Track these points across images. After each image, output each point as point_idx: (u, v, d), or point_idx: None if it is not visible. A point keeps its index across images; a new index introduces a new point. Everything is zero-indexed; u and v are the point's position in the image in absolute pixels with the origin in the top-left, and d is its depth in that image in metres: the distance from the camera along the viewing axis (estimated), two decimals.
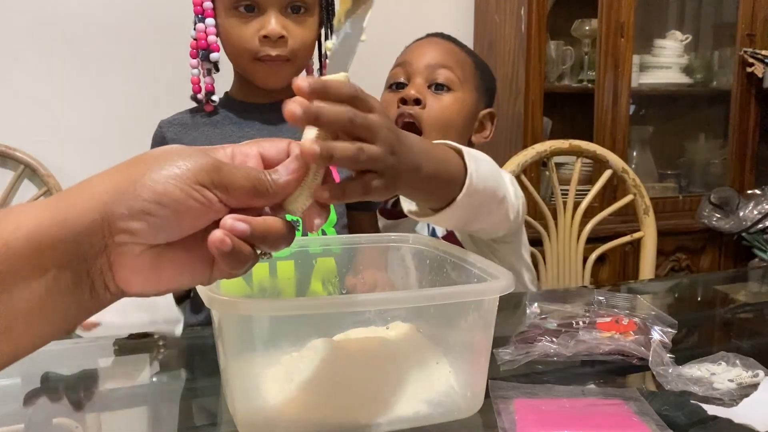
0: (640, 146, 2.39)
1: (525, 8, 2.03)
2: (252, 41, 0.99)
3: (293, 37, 1.00)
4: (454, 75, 1.17)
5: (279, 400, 0.59)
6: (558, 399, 0.66)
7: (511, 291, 0.60)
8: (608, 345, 0.78)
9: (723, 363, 0.74)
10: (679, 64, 2.31)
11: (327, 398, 0.60)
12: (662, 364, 0.73)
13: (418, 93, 1.14)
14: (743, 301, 1.13)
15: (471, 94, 1.19)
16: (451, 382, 0.64)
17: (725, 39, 2.37)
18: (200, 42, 1.03)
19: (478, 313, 0.63)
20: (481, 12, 2.26)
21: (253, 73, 1.03)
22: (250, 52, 1.00)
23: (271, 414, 0.59)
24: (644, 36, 2.31)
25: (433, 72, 1.16)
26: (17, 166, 1.77)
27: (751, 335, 0.98)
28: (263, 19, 0.99)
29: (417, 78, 1.17)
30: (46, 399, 0.69)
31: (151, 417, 0.69)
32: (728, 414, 0.65)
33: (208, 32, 1.02)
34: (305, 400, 0.59)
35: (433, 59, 1.17)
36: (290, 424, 0.59)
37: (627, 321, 0.85)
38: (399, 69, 1.21)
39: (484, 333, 0.64)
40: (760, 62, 2.17)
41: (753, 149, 2.29)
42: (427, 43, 1.22)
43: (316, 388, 0.60)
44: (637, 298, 0.95)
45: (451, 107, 1.16)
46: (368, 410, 0.60)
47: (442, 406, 0.62)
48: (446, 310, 0.64)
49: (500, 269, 0.64)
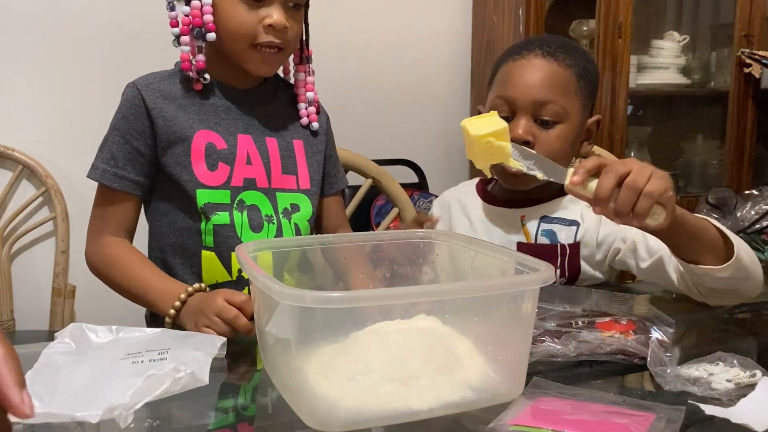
0: (638, 146, 2.39)
1: (523, 9, 2.03)
2: (256, 28, 1.02)
3: (291, 29, 1.04)
4: (560, 107, 1.11)
5: (335, 390, 0.64)
6: (582, 402, 0.67)
7: (551, 282, 0.67)
8: (610, 345, 0.78)
9: (721, 363, 0.75)
10: (676, 65, 2.31)
11: (381, 387, 0.64)
12: (661, 364, 0.74)
13: (527, 134, 1.10)
14: (741, 301, 1.13)
15: (577, 114, 1.14)
16: (486, 370, 0.69)
17: (723, 40, 2.38)
18: (195, 20, 1.02)
19: (515, 304, 0.69)
20: (480, 12, 2.27)
21: (247, 58, 1.05)
22: (249, 38, 1.02)
23: (330, 404, 0.63)
24: (642, 36, 2.31)
25: (539, 109, 1.10)
26: (15, 166, 1.77)
27: (748, 335, 0.98)
28: (269, 9, 1.01)
29: (522, 116, 1.11)
30: None
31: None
32: (726, 414, 0.65)
33: (204, 11, 1.02)
34: (360, 390, 0.64)
35: (537, 94, 1.10)
36: (349, 413, 0.63)
37: (626, 321, 0.86)
38: (502, 102, 1.13)
39: (520, 323, 0.70)
40: (758, 63, 2.18)
41: (750, 149, 2.30)
42: (528, 71, 1.13)
43: (369, 377, 0.64)
44: (634, 297, 0.95)
45: (560, 139, 1.12)
46: (419, 397, 0.64)
47: (486, 392, 0.67)
48: (478, 302, 0.70)
49: (538, 262, 0.71)
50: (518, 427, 0.62)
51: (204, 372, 0.72)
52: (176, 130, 1.04)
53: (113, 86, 1.86)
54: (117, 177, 1.04)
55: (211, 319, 0.87)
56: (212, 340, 0.81)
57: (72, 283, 1.79)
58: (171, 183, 1.05)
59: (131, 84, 1.08)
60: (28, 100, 1.80)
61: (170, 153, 1.04)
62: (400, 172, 2.11)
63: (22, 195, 1.80)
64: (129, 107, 1.06)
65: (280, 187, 1.10)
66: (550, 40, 1.18)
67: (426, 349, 0.67)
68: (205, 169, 1.05)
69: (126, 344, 0.81)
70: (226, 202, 1.05)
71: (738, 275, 0.93)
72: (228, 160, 1.06)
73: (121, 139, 1.05)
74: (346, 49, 2.16)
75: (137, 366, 0.74)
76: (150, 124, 1.04)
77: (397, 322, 0.70)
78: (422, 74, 2.26)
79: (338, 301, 0.62)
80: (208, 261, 1.06)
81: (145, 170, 1.06)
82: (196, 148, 1.04)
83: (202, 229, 1.05)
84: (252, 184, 1.07)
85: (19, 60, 1.78)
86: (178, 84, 1.08)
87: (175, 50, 1.08)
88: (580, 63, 1.15)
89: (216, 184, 1.05)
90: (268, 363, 0.77)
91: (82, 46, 1.83)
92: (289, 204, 1.11)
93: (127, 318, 1.24)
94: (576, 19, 2.22)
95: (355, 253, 0.92)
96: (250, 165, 1.07)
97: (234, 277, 1.07)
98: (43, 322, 1.79)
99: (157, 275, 1.02)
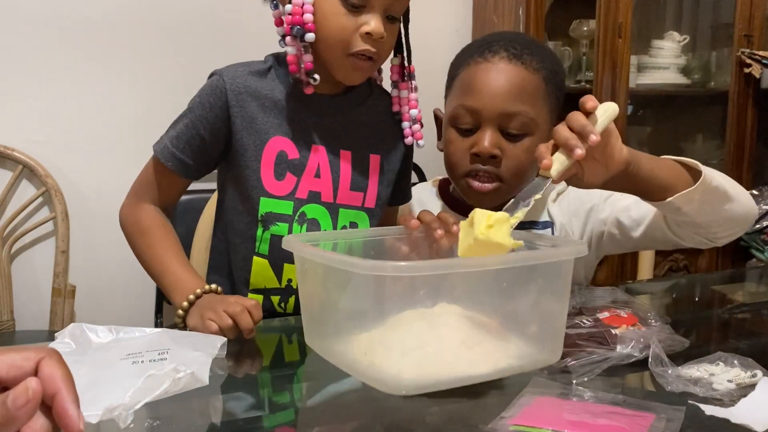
0: (638, 147, 2.36)
1: (523, 9, 2.03)
2: (353, 36, 0.98)
3: (386, 40, 1.01)
4: (528, 119, 1.04)
5: (395, 361, 0.70)
6: (582, 402, 0.67)
7: (583, 255, 0.75)
8: (641, 341, 0.78)
9: (721, 363, 0.75)
10: (676, 65, 2.31)
11: (443, 357, 0.71)
12: (662, 364, 0.74)
13: (493, 148, 1.03)
14: (741, 301, 1.14)
15: (545, 122, 1.07)
16: (519, 343, 0.76)
17: (723, 40, 2.38)
18: (295, 17, 0.97)
19: (544, 280, 0.76)
20: (480, 12, 2.27)
21: (339, 65, 1.01)
22: (346, 44, 0.99)
23: (393, 372, 0.70)
24: (642, 37, 2.31)
25: (507, 121, 1.04)
26: (15, 166, 1.77)
27: (748, 335, 0.98)
28: (367, 17, 0.98)
29: (488, 128, 1.04)
30: None
31: None
32: (726, 414, 0.66)
33: (305, 9, 0.97)
34: (419, 360, 0.71)
35: (504, 105, 1.03)
36: (411, 380, 0.69)
37: (625, 313, 0.86)
38: (464, 112, 1.07)
39: (554, 297, 0.77)
40: (758, 63, 2.18)
41: (750, 150, 2.30)
42: (493, 77, 1.05)
43: (432, 348, 0.72)
44: (617, 291, 0.96)
45: (529, 151, 1.04)
46: (475, 365, 0.72)
47: (524, 359, 0.75)
48: (518, 277, 0.75)
49: (563, 239, 0.77)
50: (518, 427, 0.62)
51: (204, 372, 0.72)
52: (252, 132, 1.02)
53: (114, 87, 1.88)
54: (173, 157, 1.03)
55: (217, 312, 0.87)
56: (212, 341, 0.81)
57: (72, 283, 1.79)
58: (237, 182, 1.04)
59: (218, 73, 1.04)
60: (28, 100, 1.80)
61: (241, 153, 1.03)
62: None
63: (22, 195, 1.80)
64: (208, 95, 1.03)
65: (344, 203, 1.07)
66: (515, 40, 1.10)
67: (467, 326, 0.73)
68: (272, 177, 1.03)
69: (126, 344, 0.81)
70: (288, 213, 1.03)
71: (715, 198, 0.93)
72: (297, 170, 1.04)
73: (190, 122, 1.03)
74: None
75: (137, 366, 0.74)
76: (226, 119, 1.02)
77: (421, 310, 0.73)
78: (422, 74, 2.25)
79: (417, 269, 0.70)
80: (259, 266, 1.05)
81: (203, 158, 1.05)
82: (268, 155, 1.02)
83: (258, 236, 1.04)
84: (316, 198, 1.05)
85: (19, 60, 1.78)
86: (265, 81, 1.05)
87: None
88: (547, 65, 1.09)
89: (281, 194, 1.03)
90: (325, 343, 0.81)
91: (84, 46, 1.83)
92: (348, 222, 1.08)
93: (128, 318, 1.24)
94: (576, 19, 2.22)
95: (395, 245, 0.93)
96: (318, 178, 1.05)
97: (283, 285, 1.06)
98: (43, 322, 1.79)
99: (178, 262, 1.01)
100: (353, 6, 0.97)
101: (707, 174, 0.90)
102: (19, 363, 0.44)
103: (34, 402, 0.42)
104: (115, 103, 1.85)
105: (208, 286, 0.95)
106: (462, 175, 1.08)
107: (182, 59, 1.87)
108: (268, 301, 1.06)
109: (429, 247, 0.91)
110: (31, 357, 0.44)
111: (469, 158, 1.07)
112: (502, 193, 1.05)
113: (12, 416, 0.41)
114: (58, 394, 0.43)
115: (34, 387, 0.42)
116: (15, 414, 0.41)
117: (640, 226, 1.06)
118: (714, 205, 0.94)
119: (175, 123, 1.06)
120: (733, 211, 0.96)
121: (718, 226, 0.98)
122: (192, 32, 1.89)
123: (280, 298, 1.06)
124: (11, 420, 0.41)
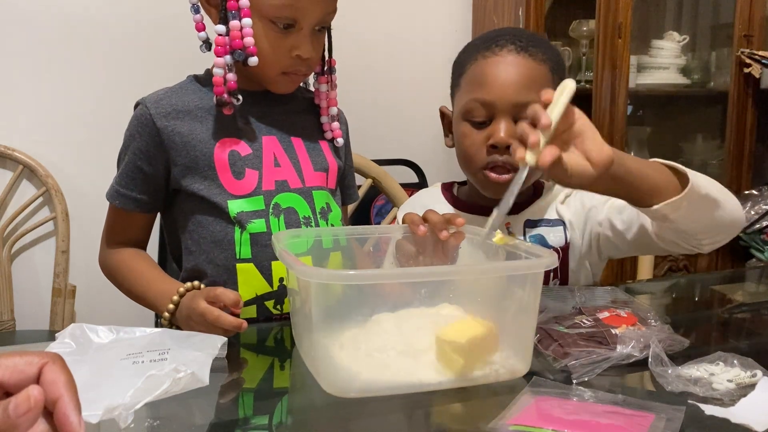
0: (638, 147, 2.39)
1: (523, 9, 2.03)
2: (285, 58, 0.99)
3: (317, 53, 1.03)
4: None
5: (353, 363, 0.72)
6: (582, 402, 0.67)
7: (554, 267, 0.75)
8: (642, 340, 0.78)
9: (721, 363, 0.75)
10: (676, 65, 2.31)
11: (393, 362, 0.72)
12: (662, 364, 0.74)
13: (510, 137, 1.03)
14: (741, 301, 1.14)
15: None
16: (497, 351, 0.75)
17: (722, 40, 2.38)
18: (234, 41, 0.97)
19: (523, 290, 0.76)
20: (479, 12, 2.27)
21: (273, 82, 1.03)
22: (281, 66, 1.00)
23: (350, 375, 0.71)
24: (642, 37, 2.31)
25: (520, 110, 1.04)
26: (16, 166, 1.77)
27: (748, 335, 0.98)
28: (298, 37, 0.99)
29: (502, 119, 1.06)
30: None
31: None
32: (726, 414, 0.66)
33: (244, 33, 0.97)
34: (374, 364, 0.71)
35: (517, 95, 1.05)
36: (364, 383, 0.70)
37: (625, 313, 0.86)
38: (478, 106, 1.08)
39: (529, 307, 0.76)
40: (758, 63, 2.18)
41: (750, 150, 2.30)
42: (504, 69, 1.07)
43: (384, 353, 0.72)
44: (617, 291, 0.95)
45: None
46: (428, 372, 0.71)
47: (491, 368, 0.73)
48: (496, 289, 0.77)
49: (543, 250, 0.76)
50: (518, 427, 0.62)
51: (204, 372, 0.72)
52: (195, 145, 1.01)
53: (114, 86, 1.88)
54: (123, 196, 1.04)
55: (201, 325, 0.86)
56: (213, 341, 0.81)
57: (72, 283, 1.79)
58: (198, 199, 1.02)
59: (141, 102, 1.04)
60: (28, 100, 1.80)
61: (193, 169, 1.01)
62: (400, 172, 2.11)
63: (22, 195, 1.80)
64: (136, 126, 1.03)
65: (315, 185, 1.06)
66: (520, 34, 1.12)
67: (436, 328, 0.73)
68: (232, 178, 1.01)
69: (126, 344, 0.81)
70: (260, 208, 1.01)
71: (703, 205, 0.93)
72: (254, 165, 1.02)
73: (128, 159, 1.03)
74: (346, 49, 2.16)
75: (137, 366, 0.74)
76: (160, 144, 1.01)
77: (421, 309, 0.75)
78: (422, 74, 2.26)
79: (353, 278, 0.70)
80: (245, 273, 1.01)
81: (152, 188, 1.04)
82: (220, 159, 1.00)
83: (236, 240, 1.01)
84: (285, 186, 1.04)
85: (20, 60, 1.78)
86: (191, 96, 1.04)
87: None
88: (552, 57, 1.11)
89: (247, 191, 1.01)
90: (299, 341, 0.83)
91: (83, 45, 1.83)
92: (324, 203, 1.07)
93: (128, 318, 1.24)
94: (576, 19, 2.22)
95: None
96: (279, 167, 1.04)
97: (275, 287, 1.02)
98: (43, 322, 1.79)
99: (156, 277, 1.01)
100: (284, 26, 0.97)
101: (695, 181, 0.89)
102: (22, 367, 0.44)
103: (35, 410, 0.42)
104: (116, 104, 1.84)
105: (183, 287, 0.92)
106: (479, 167, 1.09)
107: (182, 59, 1.87)
108: (262, 308, 1.02)
109: (434, 247, 0.91)
110: (35, 362, 0.44)
111: (486, 150, 1.08)
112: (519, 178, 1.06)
113: (13, 423, 0.41)
114: (60, 400, 0.43)
115: (36, 395, 0.42)
116: (16, 421, 0.41)
117: (631, 229, 1.07)
118: (702, 212, 0.94)
119: (118, 162, 1.06)
120: (721, 219, 0.96)
121: (704, 233, 0.98)
122: (193, 32, 1.89)
123: (275, 301, 1.03)
124: (12, 427, 0.42)
